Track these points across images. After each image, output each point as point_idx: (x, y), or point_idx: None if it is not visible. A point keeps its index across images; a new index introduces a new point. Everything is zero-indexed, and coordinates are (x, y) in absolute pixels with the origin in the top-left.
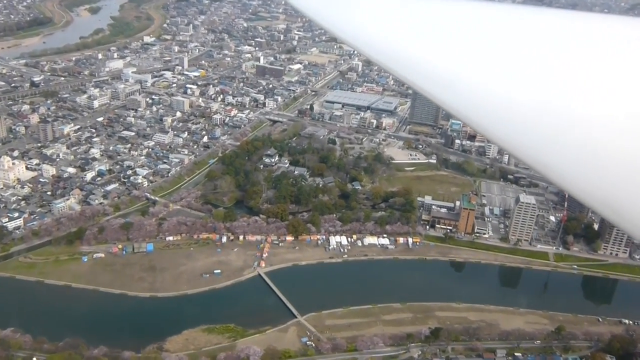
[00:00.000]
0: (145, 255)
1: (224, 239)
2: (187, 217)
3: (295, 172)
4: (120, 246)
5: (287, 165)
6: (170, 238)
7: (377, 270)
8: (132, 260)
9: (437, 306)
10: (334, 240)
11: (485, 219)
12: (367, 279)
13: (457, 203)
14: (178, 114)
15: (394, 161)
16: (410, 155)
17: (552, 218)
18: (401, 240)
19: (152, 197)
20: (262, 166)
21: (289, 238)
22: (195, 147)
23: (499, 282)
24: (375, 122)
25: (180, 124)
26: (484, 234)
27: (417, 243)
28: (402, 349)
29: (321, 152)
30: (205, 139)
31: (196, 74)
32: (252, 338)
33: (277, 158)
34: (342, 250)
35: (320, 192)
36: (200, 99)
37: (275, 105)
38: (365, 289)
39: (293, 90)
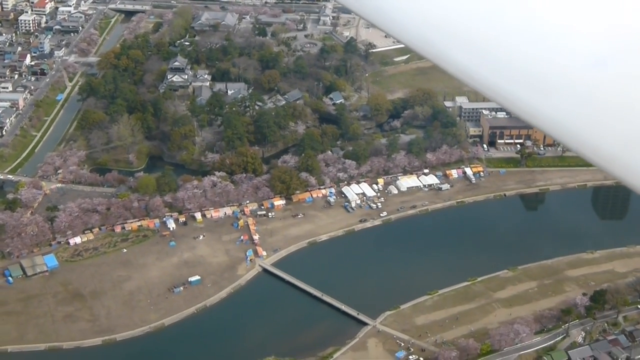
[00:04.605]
0: (50, 277)
1: (171, 224)
2: (88, 198)
3: (229, 91)
4: None
5: (208, 83)
6: (77, 240)
7: (443, 226)
8: (31, 288)
9: (564, 262)
10: (351, 192)
11: None
12: (436, 244)
13: None
14: None
15: (374, 50)
16: None
17: None
18: (454, 173)
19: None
20: (170, 90)
21: (279, 202)
22: (17, 76)
23: (631, 209)
24: None
25: None
26: None
27: (481, 173)
28: (557, 333)
29: (255, 53)
30: (28, 60)
31: None
32: None
33: (190, 73)
34: (371, 205)
35: (291, 119)
36: None
37: None
38: (443, 258)
39: None
